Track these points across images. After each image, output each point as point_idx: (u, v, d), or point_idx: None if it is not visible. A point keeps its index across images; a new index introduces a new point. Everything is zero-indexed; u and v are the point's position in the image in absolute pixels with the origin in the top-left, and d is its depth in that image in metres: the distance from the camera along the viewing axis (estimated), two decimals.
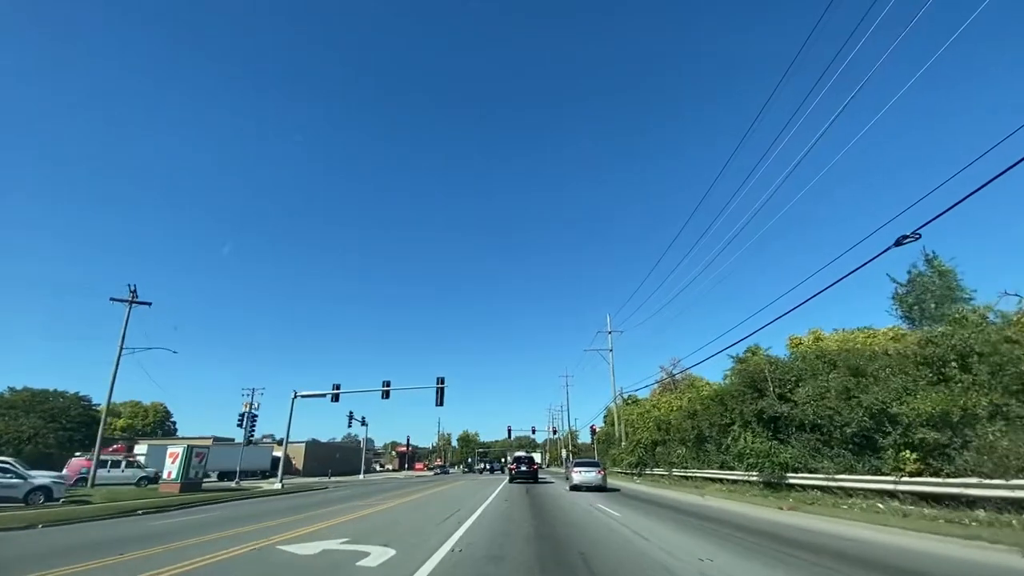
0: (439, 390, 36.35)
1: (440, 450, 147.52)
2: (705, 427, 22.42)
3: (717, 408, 21.31)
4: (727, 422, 20.43)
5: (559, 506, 16.31)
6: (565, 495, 21.88)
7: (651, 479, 32.50)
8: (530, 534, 9.85)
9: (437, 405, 36.26)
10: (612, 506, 15.77)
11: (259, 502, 21.97)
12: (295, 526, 11.75)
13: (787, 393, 16.48)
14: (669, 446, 28.96)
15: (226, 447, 61.76)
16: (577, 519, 12.39)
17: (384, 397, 36.70)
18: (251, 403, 70.91)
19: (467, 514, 13.78)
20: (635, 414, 38.03)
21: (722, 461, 21.99)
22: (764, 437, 17.32)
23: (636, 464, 35.67)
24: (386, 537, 9.60)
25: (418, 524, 11.86)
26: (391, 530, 10.88)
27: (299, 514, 15.24)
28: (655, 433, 31.20)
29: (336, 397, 36.96)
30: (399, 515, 14.41)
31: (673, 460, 28.32)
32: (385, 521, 12.86)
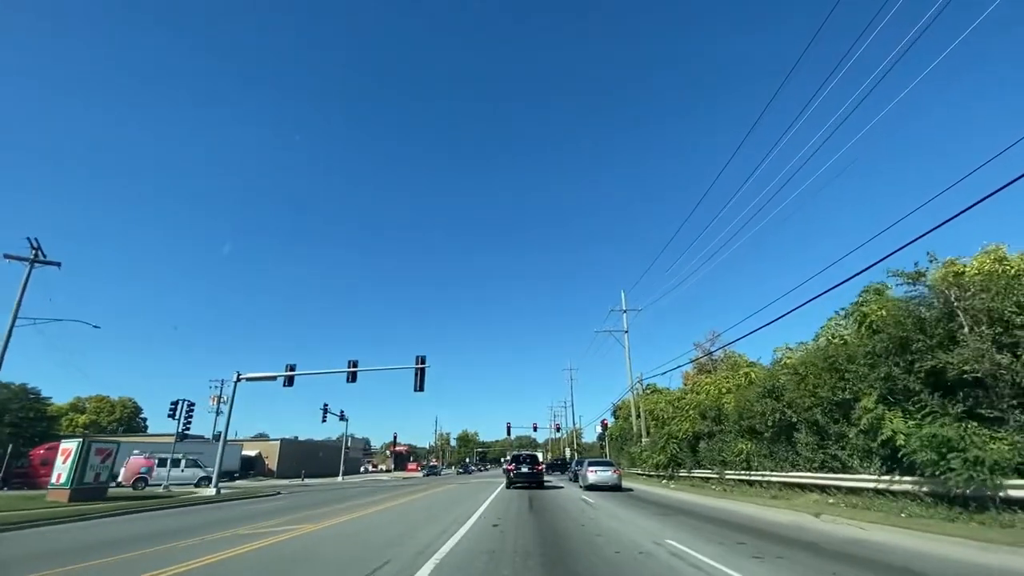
0: (418, 372, 29.02)
1: (438, 450, 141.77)
2: (803, 408, 14.93)
3: (825, 378, 13.82)
4: (846, 398, 12.98)
5: (590, 538, 8.99)
6: (589, 510, 14.52)
7: (689, 483, 25.10)
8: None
9: (416, 390, 28.94)
10: (697, 545, 8.35)
11: (145, 519, 14.78)
12: None
13: (1001, 335, 9.15)
14: (721, 440, 21.52)
15: (188, 445, 54.60)
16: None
17: (351, 380, 29.39)
18: (219, 396, 64.04)
19: (416, 560, 6.68)
20: (662, 403, 30.64)
21: (823, 459, 14.59)
22: (944, 415, 9.96)
23: (667, 464, 28.26)
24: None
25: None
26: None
27: (158, 544, 8.97)
28: (698, 423, 23.78)
29: (290, 381, 29.63)
30: (313, 547, 8.64)
31: (727, 458, 20.90)
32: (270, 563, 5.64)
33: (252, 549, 8.34)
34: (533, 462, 25.44)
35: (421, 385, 28.97)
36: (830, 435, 14.01)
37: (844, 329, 15.53)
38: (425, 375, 29.09)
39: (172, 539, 9.72)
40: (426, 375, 28.95)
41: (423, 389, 29.02)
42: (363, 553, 7.79)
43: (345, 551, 8.15)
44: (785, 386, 15.89)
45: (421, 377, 29.00)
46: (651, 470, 32.18)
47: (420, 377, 28.98)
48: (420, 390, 28.98)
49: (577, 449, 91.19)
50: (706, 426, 22.99)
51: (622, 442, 45.73)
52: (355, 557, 7.48)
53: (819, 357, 14.40)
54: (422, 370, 29.08)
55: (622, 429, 47.63)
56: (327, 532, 10.61)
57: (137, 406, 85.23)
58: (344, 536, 10.04)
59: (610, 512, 13.93)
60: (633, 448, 36.31)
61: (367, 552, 7.89)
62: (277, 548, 8.49)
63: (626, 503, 16.82)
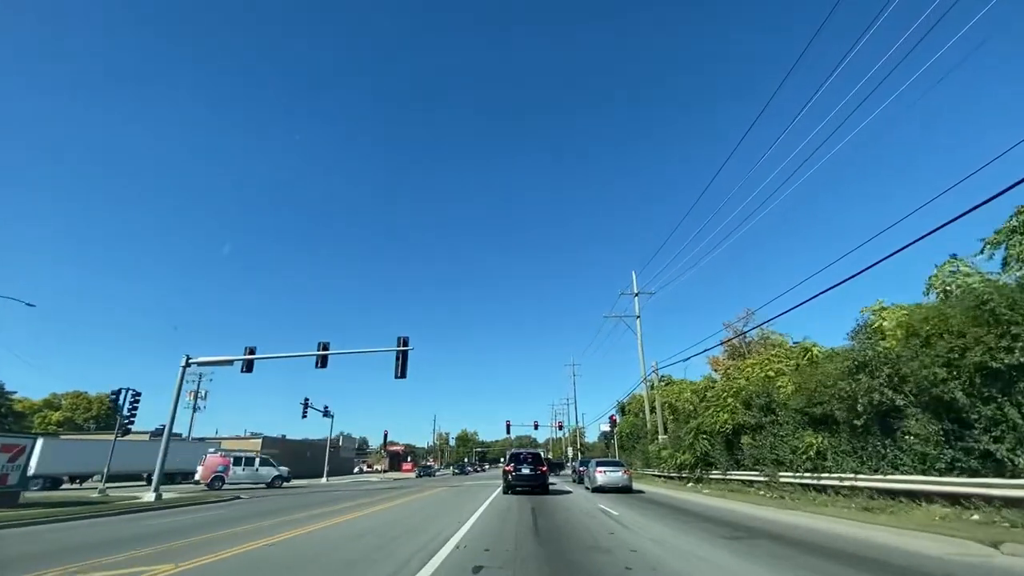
0: (400, 355, 24.55)
1: (437, 450, 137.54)
2: (928, 384, 10.37)
3: (978, 334, 9.24)
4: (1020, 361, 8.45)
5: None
6: (618, 528, 10.01)
7: (725, 487, 20.62)
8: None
9: (398, 376, 24.49)
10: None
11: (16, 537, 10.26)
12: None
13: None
14: (773, 434, 17.00)
15: (152, 443, 50.08)
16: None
17: (320, 365, 24.90)
18: (197, 391, 59.56)
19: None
20: (686, 392, 26.13)
21: (953, 457, 10.09)
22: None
23: (694, 464, 23.77)
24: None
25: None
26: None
27: None
28: (739, 414, 19.24)
29: (249, 366, 25.14)
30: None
31: (781, 456, 16.39)
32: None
33: None
34: (535, 462, 20.94)
35: (403, 371, 24.51)
36: (975, 421, 9.51)
37: (971, 275, 10.94)
38: (407, 360, 24.64)
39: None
40: (410, 361, 24.52)
41: (405, 375, 24.57)
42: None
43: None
44: (886, 358, 11.35)
45: (403, 361, 24.53)
46: (672, 471, 27.68)
47: (402, 361, 24.51)
48: (402, 376, 24.52)
49: (580, 449, 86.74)
50: (751, 417, 18.48)
51: (634, 440, 41.22)
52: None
53: (964, 306, 9.81)
54: (404, 353, 24.61)
55: (633, 426, 43.10)
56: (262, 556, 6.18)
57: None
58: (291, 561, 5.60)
59: (651, 533, 9.44)
60: (651, 446, 31.80)
61: None
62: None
63: (665, 518, 12.31)
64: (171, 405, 23.99)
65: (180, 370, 24.24)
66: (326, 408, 49.07)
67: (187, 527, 11.87)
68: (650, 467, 34.01)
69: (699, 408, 24.80)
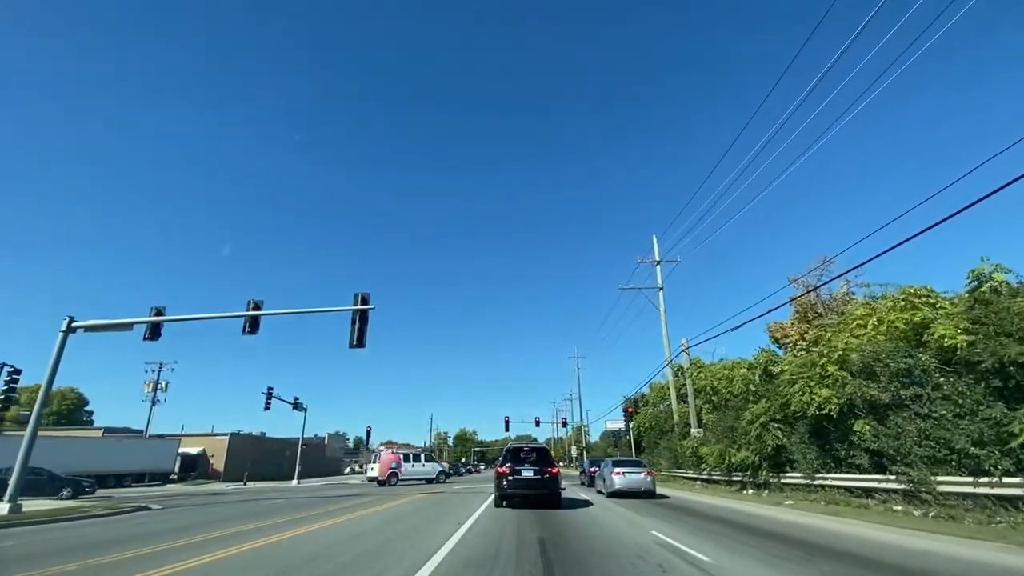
0: (358, 317, 18.15)
1: (436, 449, 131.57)
2: None
3: None
4: None
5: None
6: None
7: (814, 496, 14.20)
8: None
9: (354, 345, 18.07)
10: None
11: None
12: None
13: None
14: (929, 415, 10.56)
15: (105, 440, 43.67)
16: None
17: (251, 331, 18.45)
18: (156, 382, 53.10)
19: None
20: (742, 369, 19.68)
21: None
22: None
23: (758, 465, 17.36)
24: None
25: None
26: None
27: None
28: (854, 389, 12.69)
29: (155, 332, 18.65)
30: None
31: (938, 452, 9.95)
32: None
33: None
34: (541, 461, 14.41)
35: (360, 338, 18.07)
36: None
37: None
38: (367, 323, 18.22)
39: None
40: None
41: (363, 344, 18.15)
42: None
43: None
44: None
45: (361, 325, 18.09)
46: (718, 472, 21.28)
47: (360, 325, 18.06)
48: (359, 344, 18.09)
49: (584, 448, 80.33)
50: (879, 391, 11.97)
51: (656, 435, 34.75)
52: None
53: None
54: (363, 315, 18.17)
55: (654, 419, 36.60)
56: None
57: (82, 397, 74.52)
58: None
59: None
60: (686, 442, 25.34)
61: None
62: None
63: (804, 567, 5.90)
64: (46, 379, 17.52)
65: (60, 335, 17.77)
66: (296, 400, 42.61)
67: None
68: (681, 467, 27.58)
69: (761, 389, 18.43)
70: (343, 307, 18.63)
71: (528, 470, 13.98)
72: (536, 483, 13.86)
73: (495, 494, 14.45)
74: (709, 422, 25.46)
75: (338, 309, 18.96)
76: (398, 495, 22.02)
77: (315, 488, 34.32)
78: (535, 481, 13.87)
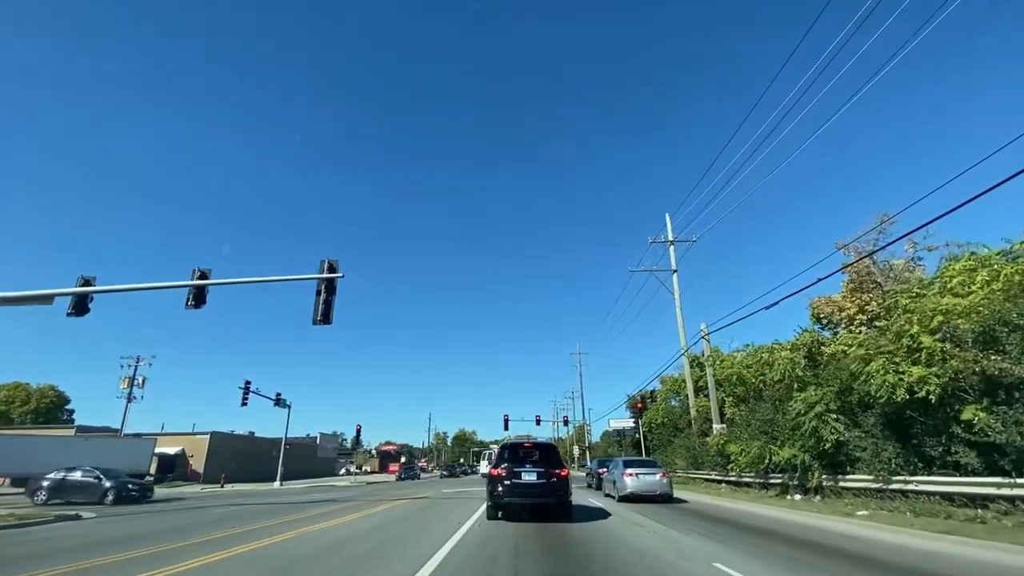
0: (324, 288, 15.03)
1: (434, 450, 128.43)
2: None
3: None
4: None
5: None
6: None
7: (888, 506, 11.10)
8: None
9: (318, 321, 14.92)
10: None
11: None
12: None
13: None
14: None
15: (75, 440, 40.47)
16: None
17: (195, 304, 15.29)
18: (132, 377, 49.92)
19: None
20: (783, 352, 16.53)
21: None
22: None
23: (806, 465, 14.26)
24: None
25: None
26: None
27: None
28: (963, 365, 9.56)
29: (81, 306, 15.47)
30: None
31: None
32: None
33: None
34: (547, 460, 11.22)
35: (326, 313, 14.94)
36: None
37: None
38: (335, 294, 15.10)
39: None
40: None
41: (329, 320, 15.02)
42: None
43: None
44: None
45: (327, 296, 14.96)
46: (750, 472, 18.21)
47: (326, 296, 14.94)
48: (324, 320, 14.96)
49: (587, 448, 77.27)
50: (1008, 365, 8.79)
51: (669, 433, 31.63)
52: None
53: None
54: (330, 285, 15.05)
55: (667, 415, 33.48)
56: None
57: (61, 396, 71.32)
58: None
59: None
60: (710, 439, 22.21)
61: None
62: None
63: None
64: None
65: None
66: (278, 396, 39.48)
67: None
68: (700, 468, 24.49)
69: (809, 375, 15.30)
70: (307, 275, 15.51)
71: (530, 472, 10.85)
72: (540, 489, 10.73)
73: (487, 503, 11.33)
74: (736, 416, 22.37)
75: (301, 278, 15.82)
76: (379, 501, 18.92)
77: (295, 492, 31.24)
78: (539, 487, 10.73)
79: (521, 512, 11.06)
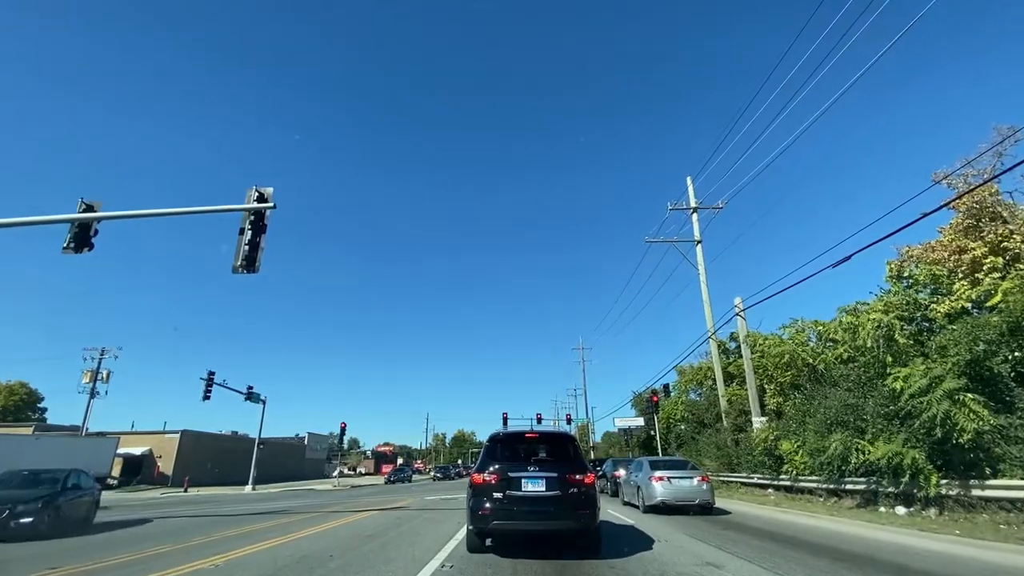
0: (252, 222, 10.95)
1: (432, 451, 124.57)
2: None
3: None
4: None
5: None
6: None
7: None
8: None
9: (239, 267, 10.83)
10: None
11: None
12: None
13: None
14: None
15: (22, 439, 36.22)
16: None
17: (76, 248, 11.21)
18: (97, 370, 45.83)
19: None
20: (866, 320, 12.41)
21: None
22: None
23: (918, 468, 10.12)
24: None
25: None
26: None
27: None
28: None
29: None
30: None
31: None
32: None
33: None
34: (561, 460, 7.10)
35: (251, 256, 10.86)
36: None
37: None
38: (264, 234, 11.02)
39: None
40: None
41: (254, 266, 10.92)
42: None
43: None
44: None
45: (254, 235, 10.88)
46: (816, 476, 14.12)
47: (252, 235, 10.86)
48: (248, 266, 10.86)
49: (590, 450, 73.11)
50: None
51: (693, 429, 27.51)
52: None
53: None
54: (258, 220, 10.99)
55: (687, 409, 29.38)
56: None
57: (33, 393, 67.20)
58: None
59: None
60: (757, 433, 18.13)
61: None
62: None
63: None
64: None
65: None
66: (250, 390, 35.28)
67: None
68: (736, 470, 20.40)
69: (907, 346, 11.28)
70: (229, 207, 11.44)
71: (535, 479, 6.69)
72: (552, 507, 6.58)
73: (468, 526, 7.18)
74: (784, 407, 18.33)
75: (222, 209, 11.73)
76: (342, 513, 14.81)
77: (263, 498, 27.12)
78: (550, 504, 6.57)
79: (521, 543, 7.01)
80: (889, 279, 14.27)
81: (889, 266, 14.06)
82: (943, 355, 10.37)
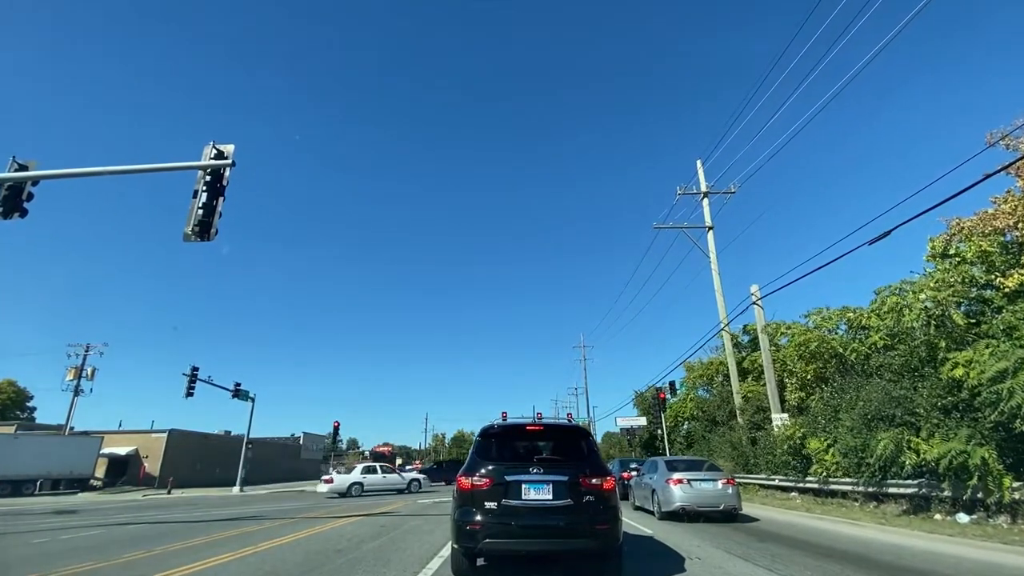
0: (206, 184, 9.39)
1: (432, 451, 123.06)
2: None
3: None
4: None
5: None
6: None
7: None
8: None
9: (193, 232, 9.22)
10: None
11: None
12: None
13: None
14: None
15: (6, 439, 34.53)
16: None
17: (4, 213, 9.67)
18: (81, 367, 44.25)
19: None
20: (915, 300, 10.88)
21: None
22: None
23: (987, 470, 8.53)
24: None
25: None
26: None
27: None
28: None
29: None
30: None
31: None
32: None
33: None
34: (572, 458, 5.64)
35: (207, 220, 9.30)
36: None
37: None
38: (222, 196, 9.49)
39: None
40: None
41: (208, 231, 9.34)
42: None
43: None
44: None
45: (211, 196, 9.34)
46: (853, 478, 12.57)
47: (209, 196, 9.32)
48: (203, 233, 9.29)
49: None
50: None
51: (704, 427, 25.97)
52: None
53: None
54: (215, 180, 9.44)
55: (697, 407, 27.83)
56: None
57: (22, 392, 65.59)
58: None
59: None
60: (778, 432, 16.60)
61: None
62: None
63: None
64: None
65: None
66: (237, 387, 33.71)
67: None
68: (753, 471, 18.87)
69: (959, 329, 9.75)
70: (185, 163, 9.89)
71: (540, 484, 5.10)
72: (561, 519, 4.97)
73: (453, 544, 5.60)
74: (809, 402, 16.80)
75: (177, 167, 10.18)
76: (320, 519, 13.26)
77: (246, 500, 25.42)
78: (560, 513, 5.00)
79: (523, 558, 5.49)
80: (931, 258, 12.77)
81: (931, 243, 12.54)
82: (1011, 336, 8.83)
